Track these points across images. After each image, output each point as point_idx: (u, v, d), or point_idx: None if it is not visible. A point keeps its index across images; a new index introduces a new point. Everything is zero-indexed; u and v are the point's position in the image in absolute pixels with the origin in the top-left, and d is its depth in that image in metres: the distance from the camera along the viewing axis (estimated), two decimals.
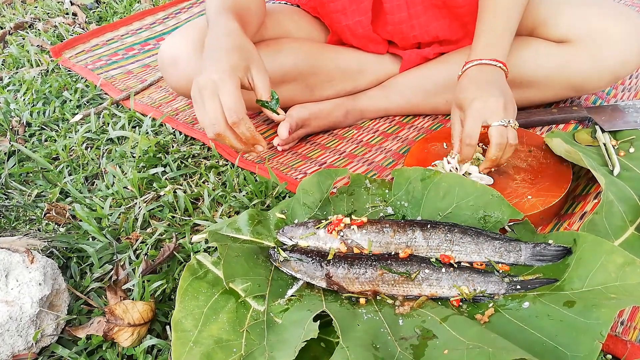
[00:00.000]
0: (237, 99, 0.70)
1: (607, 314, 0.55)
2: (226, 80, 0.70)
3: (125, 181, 0.98)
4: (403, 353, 0.55)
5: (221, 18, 0.82)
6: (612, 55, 0.91)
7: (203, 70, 0.73)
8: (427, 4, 0.99)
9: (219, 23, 0.81)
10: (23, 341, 0.66)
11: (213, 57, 0.74)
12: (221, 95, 0.70)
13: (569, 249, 0.65)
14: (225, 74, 0.70)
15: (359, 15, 1.02)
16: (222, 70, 0.71)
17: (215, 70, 0.71)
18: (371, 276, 0.66)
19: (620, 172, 0.80)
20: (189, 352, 0.57)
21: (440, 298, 0.65)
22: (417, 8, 1.00)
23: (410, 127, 1.10)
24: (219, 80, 0.70)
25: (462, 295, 0.64)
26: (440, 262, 0.67)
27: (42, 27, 1.85)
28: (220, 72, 0.70)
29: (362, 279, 0.66)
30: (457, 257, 0.69)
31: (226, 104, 0.70)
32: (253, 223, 0.77)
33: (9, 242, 0.75)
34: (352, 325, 0.59)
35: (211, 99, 0.70)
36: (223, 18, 0.82)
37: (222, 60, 0.72)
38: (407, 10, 1.00)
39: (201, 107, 0.71)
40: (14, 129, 1.23)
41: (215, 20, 0.83)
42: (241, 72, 0.74)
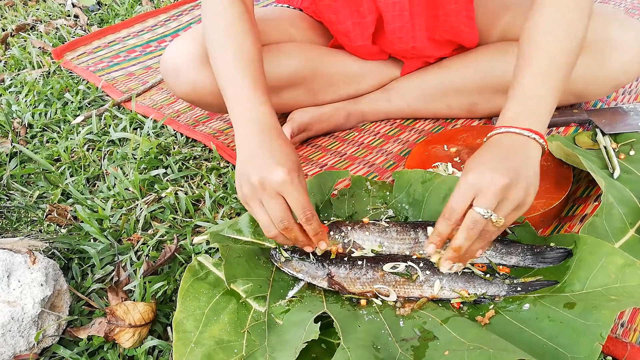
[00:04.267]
0: (307, 196, 0.66)
1: (607, 315, 0.56)
2: (295, 178, 0.65)
3: (127, 183, 0.98)
4: (404, 354, 0.55)
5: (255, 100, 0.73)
6: (615, 63, 0.91)
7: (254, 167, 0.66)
8: (427, 15, 0.99)
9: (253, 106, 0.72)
10: (25, 342, 0.66)
11: (265, 153, 0.67)
12: (290, 192, 0.64)
13: (570, 251, 0.66)
14: (294, 172, 0.65)
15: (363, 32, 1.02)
16: (288, 168, 0.65)
17: (278, 168, 0.64)
18: (372, 277, 0.66)
19: (620, 174, 0.81)
20: (190, 352, 0.57)
21: (440, 300, 0.65)
22: (419, 20, 0.99)
23: (411, 130, 1.11)
24: (288, 178, 0.64)
25: (462, 298, 0.64)
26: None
27: (44, 29, 1.85)
28: (287, 170, 0.64)
29: (363, 280, 0.66)
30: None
31: (299, 202, 0.65)
32: (254, 224, 0.77)
33: (10, 243, 0.75)
34: (353, 327, 0.59)
35: (275, 198, 0.65)
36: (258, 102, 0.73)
37: (281, 156, 0.66)
38: (410, 22, 0.99)
39: (259, 205, 0.66)
40: (15, 130, 1.23)
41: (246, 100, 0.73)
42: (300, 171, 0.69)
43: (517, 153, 0.63)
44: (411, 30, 1.00)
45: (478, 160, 0.63)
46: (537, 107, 0.66)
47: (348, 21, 1.01)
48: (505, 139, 0.65)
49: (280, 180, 0.64)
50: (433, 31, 1.01)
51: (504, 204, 0.60)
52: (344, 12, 1.00)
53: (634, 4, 1.57)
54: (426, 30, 1.01)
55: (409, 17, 0.98)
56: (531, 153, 0.64)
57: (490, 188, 0.59)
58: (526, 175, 0.61)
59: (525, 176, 0.61)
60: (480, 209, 0.60)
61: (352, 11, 0.99)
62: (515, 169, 0.61)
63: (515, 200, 0.60)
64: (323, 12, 1.04)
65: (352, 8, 0.99)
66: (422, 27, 1.00)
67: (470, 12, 0.97)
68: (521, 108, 0.67)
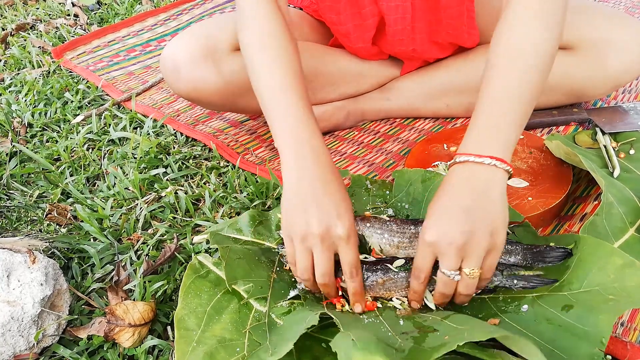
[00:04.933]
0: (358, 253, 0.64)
1: (606, 319, 0.56)
2: (353, 235, 0.63)
3: (127, 182, 0.98)
4: (404, 342, 0.55)
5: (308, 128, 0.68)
6: (615, 63, 0.91)
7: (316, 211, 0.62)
8: (429, 18, 0.99)
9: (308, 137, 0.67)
10: (24, 341, 0.66)
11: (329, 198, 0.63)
12: (346, 249, 0.62)
13: (570, 251, 0.66)
14: (353, 228, 0.63)
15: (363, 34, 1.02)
16: (350, 222, 0.63)
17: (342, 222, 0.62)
18: (375, 280, 0.66)
19: (620, 173, 0.81)
20: (192, 351, 0.58)
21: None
22: (420, 23, 0.99)
23: (411, 129, 1.11)
24: (348, 234, 0.62)
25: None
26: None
27: (44, 29, 1.85)
28: (350, 225, 0.63)
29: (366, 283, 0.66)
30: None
31: (351, 260, 0.62)
32: (254, 224, 0.77)
33: (10, 242, 0.75)
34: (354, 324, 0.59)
35: (330, 251, 0.62)
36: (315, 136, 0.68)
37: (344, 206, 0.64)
38: (411, 24, 0.99)
39: (305, 249, 0.63)
40: (15, 129, 1.23)
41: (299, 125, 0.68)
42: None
43: (477, 190, 0.59)
44: (412, 33, 1.00)
45: (436, 213, 0.60)
46: (501, 129, 0.61)
47: (349, 23, 1.01)
48: (464, 171, 0.60)
49: (341, 236, 0.62)
50: (434, 34, 1.01)
51: (470, 257, 0.57)
52: (345, 14, 1.00)
53: (634, 2, 1.57)
54: (427, 34, 1.01)
55: (410, 20, 0.98)
56: (493, 184, 0.59)
57: (449, 249, 0.57)
58: (488, 217, 0.57)
59: (486, 219, 0.57)
60: (445, 270, 0.58)
61: (354, 13, 0.99)
62: (474, 217, 0.57)
63: (482, 248, 0.57)
64: (325, 13, 1.03)
65: (354, 10, 0.99)
66: (423, 30, 1.00)
67: (471, 12, 0.97)
68: (482, 130, 0.62)
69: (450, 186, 0.61)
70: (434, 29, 1.00)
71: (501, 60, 0.64)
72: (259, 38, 0.74)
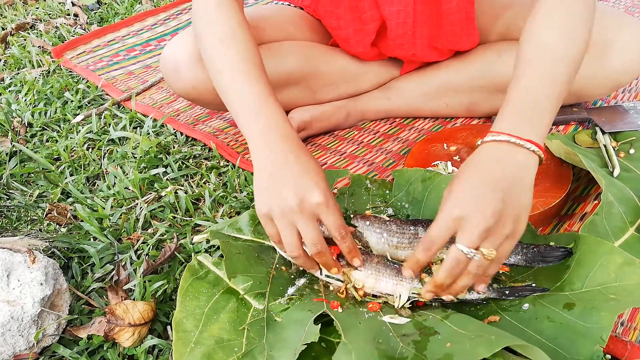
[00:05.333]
0: (342, 215, 0.64)
1: (607, 317, 0.56)
2: (331, 199, 0.63)
3: (127, 182, 0.98)
4: (405, 347, 0.55)
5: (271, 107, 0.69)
6: (615, 63, 0.91)
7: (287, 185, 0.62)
8: (430, 24, 0.99)
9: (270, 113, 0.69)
10: (24, 341, 0.66)
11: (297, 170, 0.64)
12: (327, 213, 0.62)
13: (570, 250, 0.66)
14: (329, 191, 0.63)
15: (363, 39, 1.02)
16: (324, 187, 0.63)
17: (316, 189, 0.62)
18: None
19: (620, 173, 0.81)
20: (190, 352, 0.57)
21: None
22: (421, 28, 0.99)
23: (411, 129, 1.11)
24: (325, 199, 0.62)
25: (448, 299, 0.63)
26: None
27: (44, 28, 1.85)
28: (324, 190, 0.63)
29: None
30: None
31: (336, 222, 0.62)
32: (254, 223, 0.77)
33: (10, 242, 0.75)
34: (353, 324, 0.59)
35: (312, 220, 0.62)
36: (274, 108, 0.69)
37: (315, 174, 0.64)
38: (412, 29, 0.99)
39: (288, 226, 0.62)
40: (15, 129, 1.23)
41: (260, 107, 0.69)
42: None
43: (509, 172, 0.57)
44: (413, 38, 1.00)
45: (467, 184, 0.57)
46: (536, 115, 0.61)
47: (350, 28, 1.01)
48: (498, 151, 0.59)
49: (319, 202, 0.62)
50: (434, 40, 1.01)
51: (491, 238, 0.56)
52: (345, 19, 1.00)
53: (634, 2, 1.57)
54: (428, 39, 1.01)
55: (411, 25, 0.98)
56: (527, 169, 0.58)
57: (476, 227, 0.55)
58: (516, 202, 0.56)
59: (515, 205, 0.56)
60: (462, 247, 0.55)
61: (354, 18, 0.99)
62: (503, 198, 0.55)
63: (504, 233, 0.56)
64: (324, 17, 1.03)
65: (355, 15, 0.99)
66: (423, 35, 1.00)
67: (470, 14, 0.97)
68: (518, 114, 0.61)
69: (484, 163, 0.59)
70: (435, 35, 1.00)
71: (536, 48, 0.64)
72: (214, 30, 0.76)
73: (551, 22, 0.66)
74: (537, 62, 0.64)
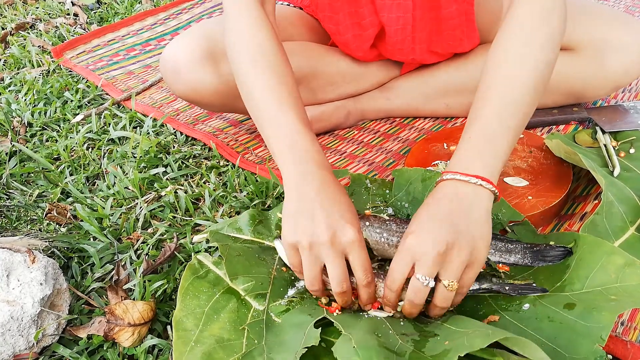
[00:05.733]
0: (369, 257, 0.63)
1: (608, 317, 0.55)
2: (362, 241, 0.61)
3: (127, 181, 0.98)
4: (404, 344, 0.55)
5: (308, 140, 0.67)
6: (615, 63, 0.91)
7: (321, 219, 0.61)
8: (430, 29, 0.99)
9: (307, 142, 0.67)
10: (24, 341, 0.66)
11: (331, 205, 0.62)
12: (357, 253, 0.61)
13: (570, 249, 0.66)
14: (361, 234, 0.62)
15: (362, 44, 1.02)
16: (357, 226, 0.62)
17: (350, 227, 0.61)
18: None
19: (620, 172, 0.80)
20: (190, 351, 0.57)
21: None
22: (420, 34, 0.99)
23: (411, 128, 1.11)
24: (357, 238, 0.61)
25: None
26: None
27: (44, 28, 1.85)
28: (357, 230, 0.61)
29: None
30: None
31: (364, 264, 0.61)
32: (254, 223, 0.77)
33: (10, 242, 0.75)
34: (353, 323, 0.59)
35: (341, 257, 0.61)
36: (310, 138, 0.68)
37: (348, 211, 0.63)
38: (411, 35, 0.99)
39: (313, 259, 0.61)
40: (15, 129, 1.23)
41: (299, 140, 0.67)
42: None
43: (461, 206, 0.58)
44: (412, 43, 1.00)
45: (418, 221, 0.59)
46: (489, 150, 0.61)
47: (349, 33, 1.00)
48: (450, 188, 0.60)
49: (351, 240, 0.60)
50: (434, 44, 1.01)
51: (449, 268, 0.56)
52: (345, 24, 0.99)
53: (634, 2, 1.57)
54: (427, 44, 1.00)
55: (411, 31, 0.97)
56: (478, 203, 0.59)
57: (427, 254, 0.56)
58: (470, 232, 0.57)
59: (468, 234, 0.57)
60: (419, 275, 0.57)
61: (353, 23, 0.99)
62: (456, 229, 0.56)
63: (461, 261, 0.56)
64: (323, 22, 1.03)
65: (354, 20, 0.99)
66: (423, 40, 1.00)
67: (470, 15, 0.97)
68: (471, 151, 0.62)
69: (436, 200, 0.60)
70: (434, 40, 1.00)
71: (494, 83, 0.64)
72: (247, 51, 0.73)
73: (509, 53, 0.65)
74: (495, 97, 0.63)
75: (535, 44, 0.64)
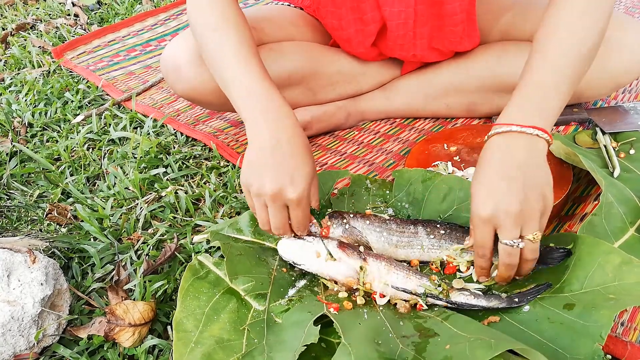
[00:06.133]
0: (308, 216, 0.70)
1: (607, 315, 0.55)
2: (304, 199, 0.68)
3: (127, 182, 0.98)
4: (405, 349, 0.55)
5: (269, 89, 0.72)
6: (615, 64, 0.91)
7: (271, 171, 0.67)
8: (431, 25, 0.99)
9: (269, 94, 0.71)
10: (25, 341, 0.66)
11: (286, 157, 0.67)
12: (296, 212, 0.68)
13: (569, 251, 0.66)
14: (307, 189, 0.68)
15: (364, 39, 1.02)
16: (304, 185, 0.67)
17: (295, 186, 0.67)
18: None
19: (620, 173, 0.80)
20: (190, 352, 0.57)
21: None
22: (422, 29, 0.99)
23: (411, 129, 1.11)
24: (298, 198, 0.67)
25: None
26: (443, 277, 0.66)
27: (44, 28, 1.85)
28: (302, 189, 0.67)
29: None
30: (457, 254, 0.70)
31: (300, 221, 0.69)
32: (254, 223, 0.77)
33: (11, 242, 0.75)
34: (353, 324, 0.59)
35: (282, 210, 0.68)
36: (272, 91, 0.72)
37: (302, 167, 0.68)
38: (413, 30, 0.99)
39: (262, 205, 0.69)
40: (15, 129, 1.23)
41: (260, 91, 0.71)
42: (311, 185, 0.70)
43: (518, 160, 0.60)
44: (413, 39, 1.00)
45: (484, 186, 0.61)
46: (541, 101, 0.63)
47: (351, 28, 1.01)
48: (506, 141, 0.62)
49: (292, 199, 0.67)
50: (435, 41, 1.01)
51: (528, 223, 0.60)
52: (347, 19, 1.00)
53: (634, 2, 1.57)
54: (428, 40, 1.01)
55: (412, 26, 0.97)
56: (536, 152, 0.61)
57: (507, 220, 0.59)
58: (537, 182, 0.60)
59: (536, 185, 0.59)
60: (506, 241, 0.60)
61: (355, 19, 0.99)
62: (522, 185, 0.59)
63: (537, 213, 0.60)
64: (325, 17, 1.03)
65: (356, 16, 0.99)
66: (424, 36, 1.00)
67: (471, 15, 0.97)
68: (523, 102, 0.64)
69: (493, 158, 0.62)
70: (435, 36, 1.00)
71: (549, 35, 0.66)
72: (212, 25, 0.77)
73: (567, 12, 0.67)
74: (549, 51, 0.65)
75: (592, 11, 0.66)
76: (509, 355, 0.52)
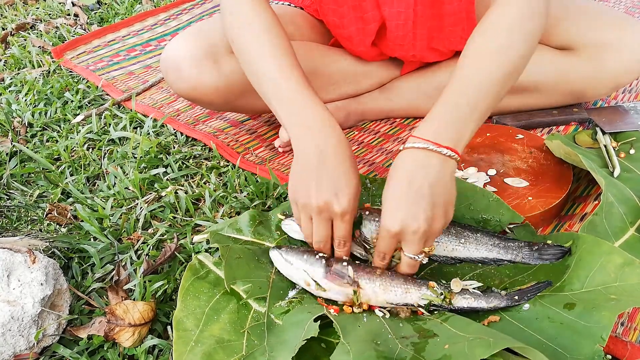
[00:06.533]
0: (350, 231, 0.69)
1: (608, 316, 0.56)
2: (349, 214, 0.67)
3: (127, 182, 0.98)
4: (404, 349, 0.55)
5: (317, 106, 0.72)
6: (615, 64, 0.91)
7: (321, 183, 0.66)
8: (431, 26, 0.99)
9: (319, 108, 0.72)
10: (25, 341, 0.66)
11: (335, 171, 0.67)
12: (340, 225, 0.68)
13: (569, 249, 0.66)
14: (349, 207, 0.67)
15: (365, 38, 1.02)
16: (350, 199, 0.67)
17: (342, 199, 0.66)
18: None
19: (620, 173, 0.81)
20: (190, 351, 0.58)
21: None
22: (421, 30, 0.99)
23: (411, 129, 1.11)
24: (344, 211, 0.66)
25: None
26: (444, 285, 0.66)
27: (44, 28, 1.85)
28: (349, 202, 0.67)
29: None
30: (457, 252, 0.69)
31: (343, 235, 0.68)
32: (254, 224, 0.77)
33: (11, 242, 0.75)
34: (352, 326, 0.59)
35: (326, 223, 0.68)
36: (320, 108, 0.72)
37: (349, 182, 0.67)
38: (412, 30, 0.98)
39: (307, 220, 0.69)
40: (15, 129, 1.23)
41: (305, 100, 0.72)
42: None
43: (433, 176, 0.62)
44: (413, 39, 1.00)
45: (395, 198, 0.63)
46: (456, 122, 0.64)
47: (352, 27, 1.00)
48: (419, 158, 0.63)
49: (337, 212, 0.66)
50: (434, 41, 1.01)
51: (430, 239, 0.64)
52: (348, 17, 1.00)
53: (634, 2, 1.57)
54: (427, 40, 1.00)
55: (412, 27, 0.97)
56: (446, 171, 0.63)
57: (414, 237, 0.62)
58: (442, 200, 0.62)
59: (441, 202, 0.62)
60: (410, 254, 0.64)
61: (356, 17, 0.99)
62: (430, 203, 0.61)
63: (439, 230, 0.63)
64: (327, 15, 1.03)
65: (357, 14, 0.99)
66: (423, 36, 1.00)
67: (471, 14, 0.97)
68: (441, 120, 0.65)
69: (406, 171, 0.63)
70: (435, 36, 1.00)
71: (469, 60, 0.68)
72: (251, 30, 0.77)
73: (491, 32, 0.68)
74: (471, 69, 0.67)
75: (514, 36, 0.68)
76: (508, 355, 0.52)
